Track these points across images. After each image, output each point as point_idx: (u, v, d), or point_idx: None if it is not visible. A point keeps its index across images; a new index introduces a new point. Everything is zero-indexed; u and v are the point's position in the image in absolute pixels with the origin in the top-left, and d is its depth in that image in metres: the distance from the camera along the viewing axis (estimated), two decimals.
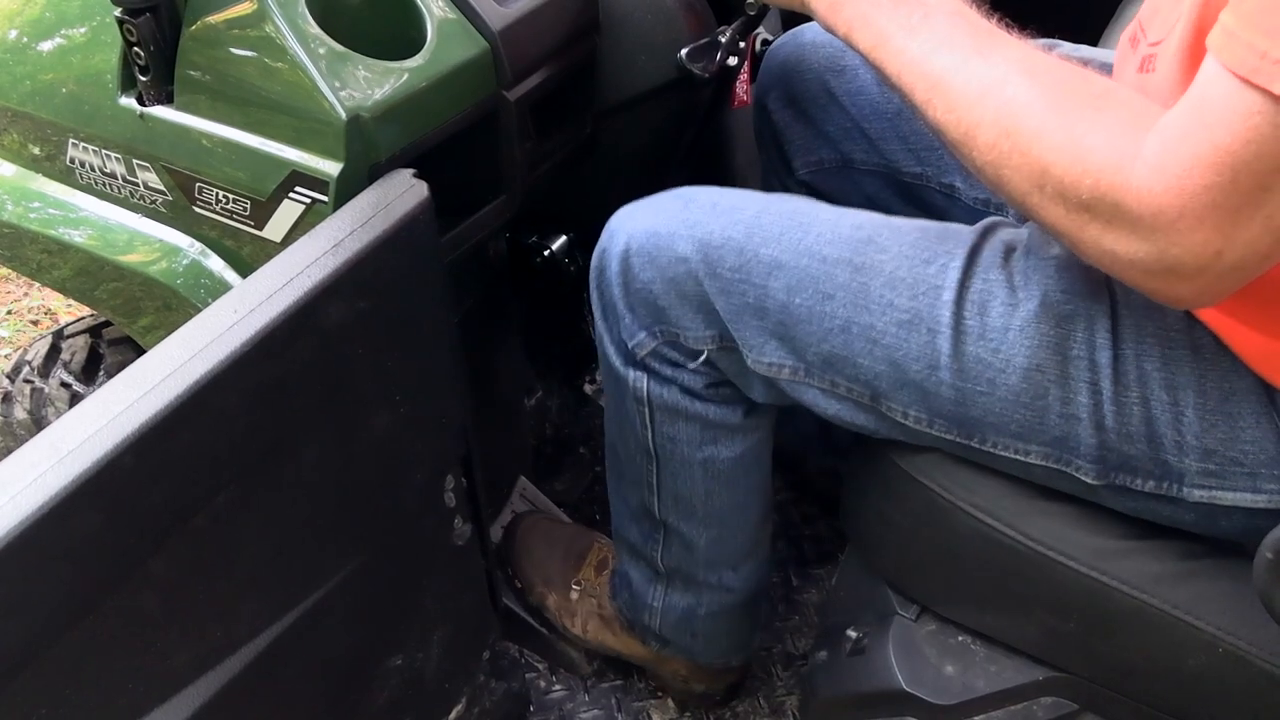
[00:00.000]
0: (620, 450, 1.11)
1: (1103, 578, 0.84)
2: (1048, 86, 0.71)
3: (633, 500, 1.13)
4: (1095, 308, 0.82)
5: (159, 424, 0.65)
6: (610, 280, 0.99)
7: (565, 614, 1.32)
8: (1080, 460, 0.84)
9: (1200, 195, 0.62)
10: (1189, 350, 0.80)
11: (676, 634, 1.22)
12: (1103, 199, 0.66)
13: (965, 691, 0.92)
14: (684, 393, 1.01)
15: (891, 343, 0.87)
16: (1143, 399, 0.80)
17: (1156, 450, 0.81)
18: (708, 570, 1.14)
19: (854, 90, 1.20)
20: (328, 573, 0.85)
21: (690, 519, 1.10)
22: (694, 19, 1.12)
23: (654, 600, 1.20)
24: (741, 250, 0.91)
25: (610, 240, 0.98)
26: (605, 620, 1.30)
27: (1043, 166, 0.69)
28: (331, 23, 0.87)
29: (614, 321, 1.01)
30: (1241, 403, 0.78)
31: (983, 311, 0.84)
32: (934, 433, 0.89)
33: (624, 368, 1.03)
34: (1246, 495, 0.80)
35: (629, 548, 1.19)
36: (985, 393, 0.84)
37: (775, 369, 0.93)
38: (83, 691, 0.67)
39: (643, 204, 0.99)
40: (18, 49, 1.04)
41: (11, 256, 1.13)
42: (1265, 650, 0.79)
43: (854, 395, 0.91)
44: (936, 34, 0.77)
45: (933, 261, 0.87)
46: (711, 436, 1.04)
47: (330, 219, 0.80)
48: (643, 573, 1.19)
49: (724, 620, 1.20)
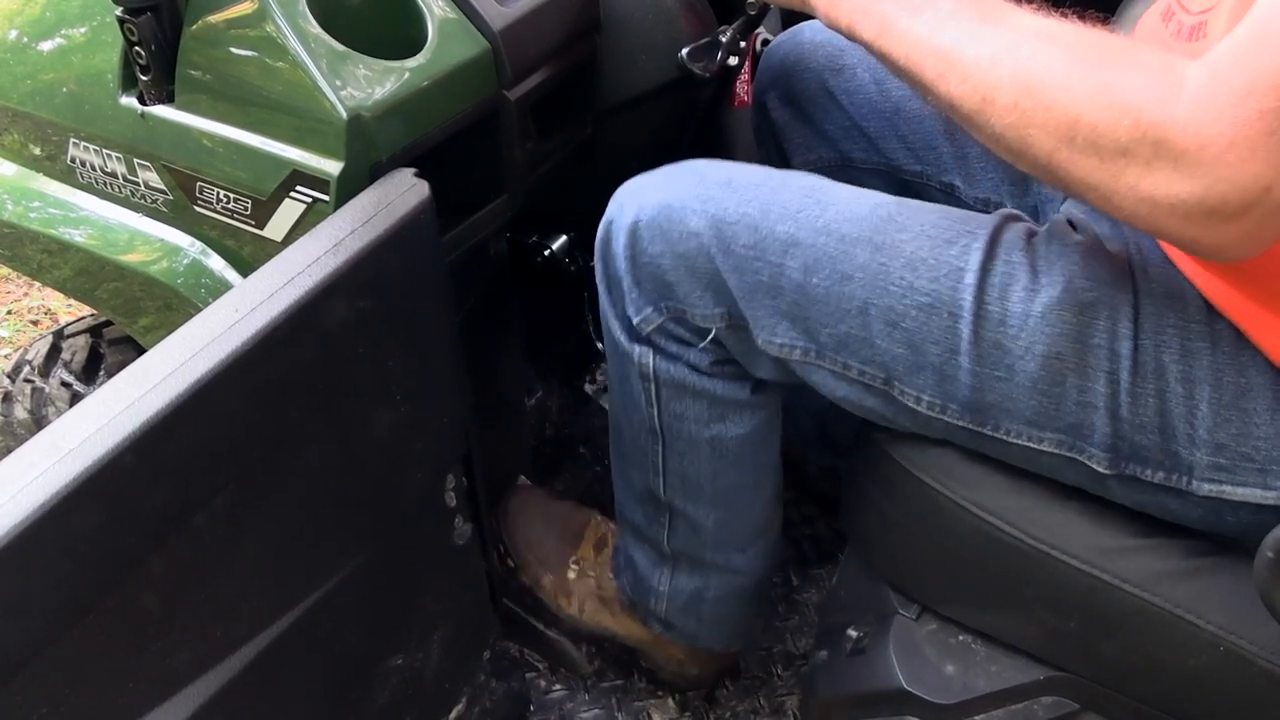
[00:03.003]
0: (625, 429, 1.09)
1: (1104, 576, 0.84)
2: (1067, 44, 0.69)
3: (638, 482, 1.10)
4: (1118, 297, 0.81)
5: (159, 423, 0.65)
6: (616, 253, 0.96)
7: (561, 594, 1.29)
8: (1093, 449, 0.83)
9: (1255, 122, 0.60)
10: (1208, 343, 0.79)
11: (682, 618, 1.19)
12: (1144, 138, 0.64)
13: (966, 691, 0.92)
14: (690, 369, 0.99)
15: (911, 326, 0.85)
16: (1159, 390, 0.80)
17: (1168, 442, 0.81)
18: (715, 552, 1.11)
19: (852, 89, 1.19)
20: (328, 572, 0.85)
21: (697, 500, 1.07)
22: (694, 19, 1.12)
23: (660, 584, 1.16)
24: (756, 227, 0.89)
25: (619, 212, 0.95)
26: (604, 601, 1.26)
27: (1072, 117, 0.67)
28: (332, 22, 0.87)
29: (619, 296, 0.98)
30: (1257, 398, 0.78)
31: (1004, 296, 0.83)
32: (945, 419, 0.87)
33: (629, 343, 1.00)
34: (1256, 491, 0.80)
35: (634, 530, 1.16)
36: (1003, 378, 0.83)
37: (786, 350, 0.91)
38: (83, 691, 0.67)
39: (653, 176, 0.96)
40: (18, 49, 1.04)
41: (12, 256, 1.13)
42: (1266, 649, 0.79)
43: (866, 379, 0.90)
44: (940, 10, 0.76)
45: (955, 242, 0.85)
46: (719, 413, 1.01)
47: (331, 218, 0.81)
48: (648, 556, 1.16)
49: (731, 604, 1.17)
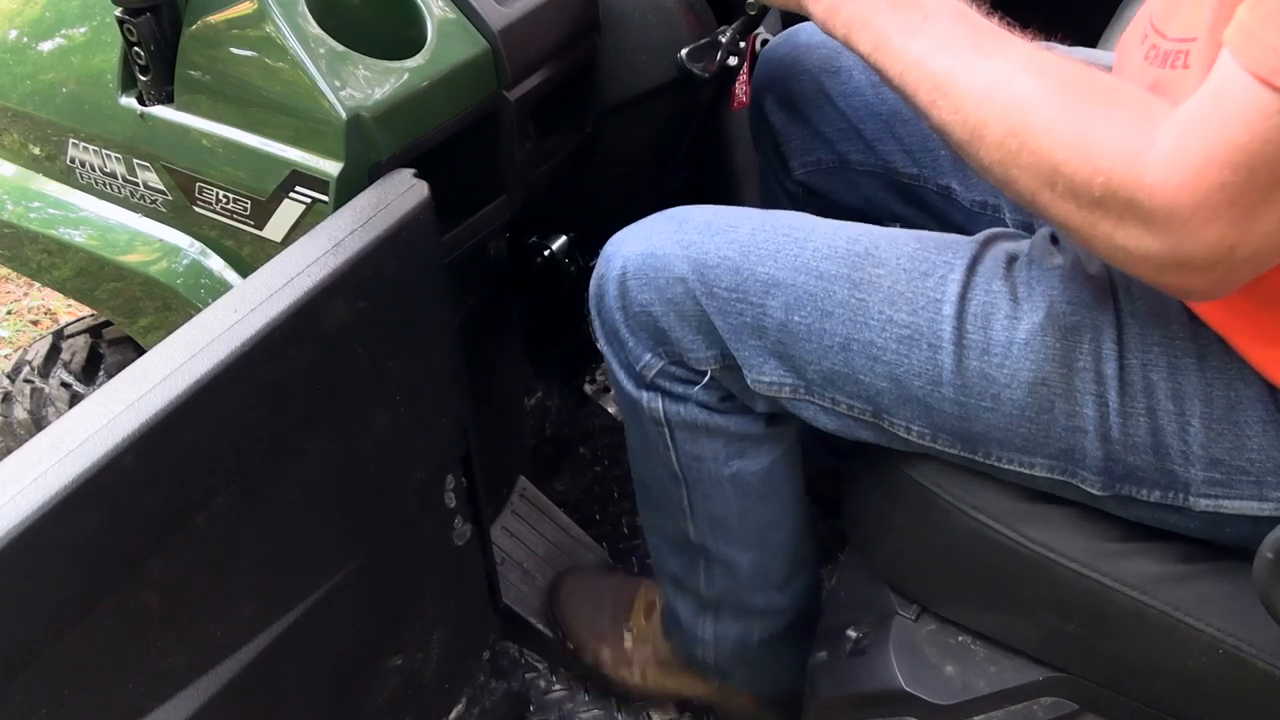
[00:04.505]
0: (648, 479, 1.09)
1: (1103, 579, 0.84)
2: (1055, 83, 0.70)
3: (669, 529, 1.10)
4: (1101, 318, 0.81)
5: (159, 424, 0.65)
6: (610, 305, 0.98)
7: (622, 665, 1.28)
8: (1085, 472, 0.83)
9: (1215, 192, 0.61)
10: (1194, 359, 0.79)
11: (733, 665, 1.17)
12: (1115, 195, 0.65)
13: (965, 691, 0.92)
14: (701, 407, 0.99)
15: (892, 359, 0.86)
16: (1149, 409, 0.80)
17: (1162, 460, 0.80)
18: (753, 594, 1.11)
19: (849, 91, 1.19)
20: (328, 573, 0.85)
21: (729, 541, 1.07)
22: (694, 19, 1.12)
23: (704, 633, 1.15)
24: (738, 269, 0.90)
25: (606, 265, 0.97)
26: (662, 664, 1.25)
27: (1053, 164, 0.68)
28: (331, 23, 0.87)
29: (619, 346, 1.00)
30: (1248, 411, 0.78)
31: (985, 325, 0.83)
32: (938, 447, 0.88)
33: (636, 390, 1.01)
34: (1253, 504, 0.79)
35: (672, 581, 1.15)
36: (989, 408, 0.84)
37: (775, 388, 0.92)
38: (83, 691, 0.67)
39: (636, 227, 0.98)
40: (18, 49, 1.04)
41: (12, 256, 1.13)
42: (1266, 651, 0.79)
43: (855, 413, 0.90)
44: (938, 34, 0.76)
45: (930, 275, 0.86)
46: (738, 450, 1.01)
47: (330, 219, 0.80)
48: (690, 605, 1.15)
49: (779, 646, 1.15)
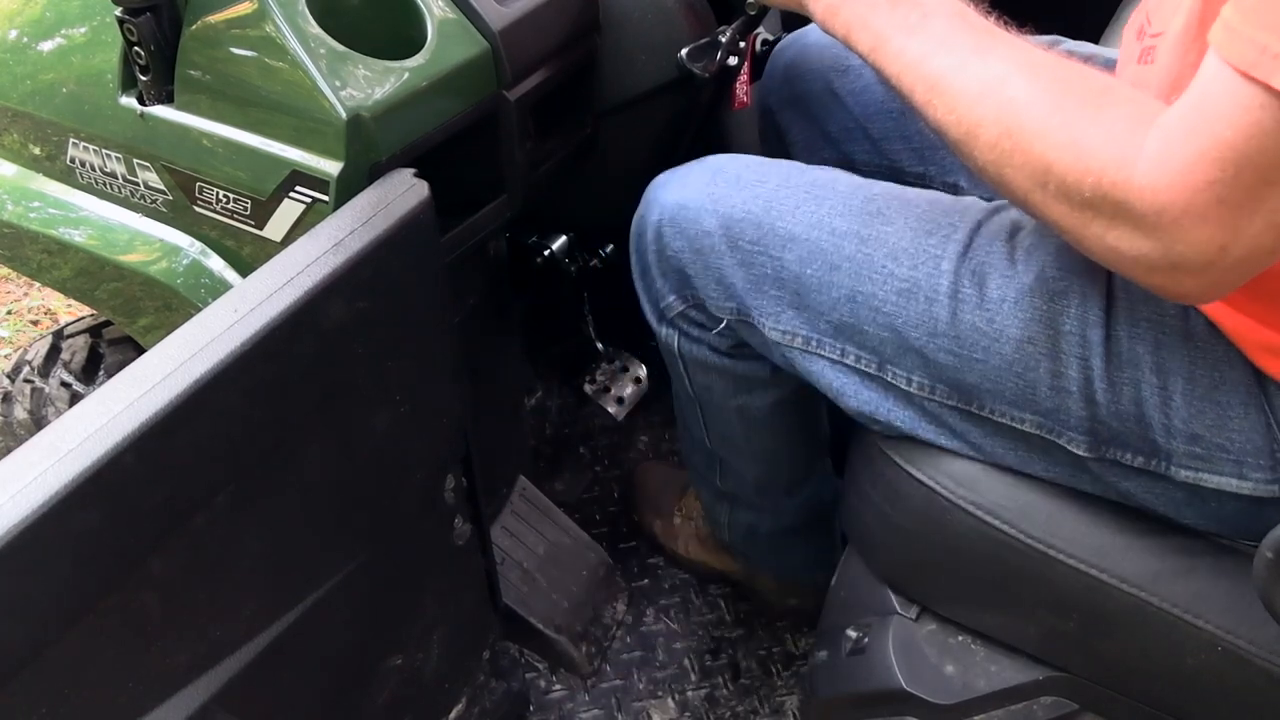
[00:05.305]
0: (677, 389, 1.20)
1: (1102, 576, 0.84)
2: (1048, 84, 0.71)
3: (693, 431, 1.22)
4: (1090, 287, 0.83)
5: (159, 423, 0.65)
6: (646, 246, 1.05)
7: (670, 538, 1.49)
8: (1071, 432, 0.85)
9: (1203, 191, 0.62)
10: (1182, 337, 0.80)
11: (746, 548, 1.34)
12: (1105, 197, 0.66)
13: (965, 691, 0.92)
14: (712, 350, 1.08)
15: (892, 310, 0.90)
16: (1134, 379, 0.82)
17: (1145, 430, 0.82)
18: (761, 496, 1.24)
19: (858, 89, 1.20)
20: (327, 572, 0.85)
21: (738, 455, 1.20)
22: (694, 19, 1.12)
23: (722, 517, 1.32)
24: (759, 224, 0.96)
25: (647, 209, 1.05)
26: (701, 540, 1.46)
27: (1045, 165, 0.69)
28: (331, 23, 0.87)
29: (649, 283, 1.08)
30: (1231, 392, 0.79)
31: (981, 282, 0.87)
32: (936, 399, 0.91)
33: (658, 324, 1.11)
34: (1232, 480, 0.81)
35: (696, 471, 1.30)
36: (981, 360, 0.87)
37: (790, 336, 0.97)
38: (83, 691, 0.67)
39: (675, 174, 1.04)
40: (18, 49, 1.04)
41: (12, 256, 1.13)
42: (1265, 649, 0.79)
43: (861, 364, 0.94)
44: (935, 34, 0.77)
45: (935, 233, 0.90)
46: (744, 387, 1.10)
47: (330, 218, 0.80)
48: (710, 492, 1.30)
49: (787, 539, 1.29)
